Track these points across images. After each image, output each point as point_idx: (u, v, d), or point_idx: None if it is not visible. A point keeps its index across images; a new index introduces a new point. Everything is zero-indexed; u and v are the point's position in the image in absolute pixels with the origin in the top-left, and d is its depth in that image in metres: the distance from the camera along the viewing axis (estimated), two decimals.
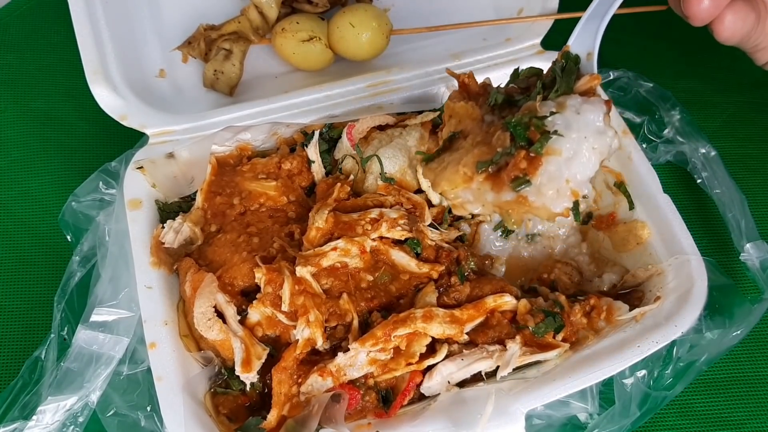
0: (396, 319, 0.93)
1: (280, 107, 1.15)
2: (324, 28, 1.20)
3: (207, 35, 1.22)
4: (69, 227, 1.10)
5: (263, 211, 1.07)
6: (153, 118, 1.12)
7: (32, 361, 1.02)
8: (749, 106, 1.37)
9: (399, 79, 1.18)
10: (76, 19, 1.11)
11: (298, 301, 0.94)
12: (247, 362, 0.92)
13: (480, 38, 1.25)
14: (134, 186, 1.06)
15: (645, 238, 1.04)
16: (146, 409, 0.96)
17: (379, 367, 0.92)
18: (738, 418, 1.07)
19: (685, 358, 0.98)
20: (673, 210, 1.03)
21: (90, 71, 1.10)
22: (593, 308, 0.99)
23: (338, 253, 0.97)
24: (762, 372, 1.10)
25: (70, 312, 1.05)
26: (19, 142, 1.30)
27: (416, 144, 1.10)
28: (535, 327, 0.95)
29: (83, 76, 1.10)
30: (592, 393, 0.97)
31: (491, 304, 0.96)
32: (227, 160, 1.14)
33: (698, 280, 0.97)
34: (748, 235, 1.08)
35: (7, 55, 1.40)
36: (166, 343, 0.94)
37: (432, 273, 1.00)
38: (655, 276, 1.02)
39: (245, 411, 0.95)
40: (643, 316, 0.96)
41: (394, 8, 1.30)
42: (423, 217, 1.05)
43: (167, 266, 1.01)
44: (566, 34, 1.19)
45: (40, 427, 0.95)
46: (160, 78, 1.22)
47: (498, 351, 0.94)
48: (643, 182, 1.07)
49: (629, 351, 0.92)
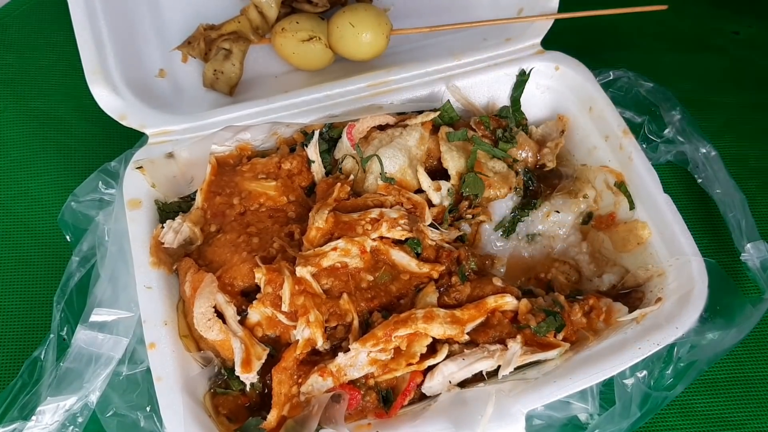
0: (397, 319, 0.93)
1: (280, 107, 1.15)
2: (324, 27, 1.20)
3: (207, 35, 1.22)
4: (68, 227, 1.10)
5: (263, 211, 1.06)
6: (152, 118, 1.12)
7: (31, 362, 1.01)
8: (749, 106, 1.37)
9: (399, 79, 1.18)
10: (75, 19, 1.10)
11: (299, 302, 0.94)
12: (247, 362, 0.92)
13: (480, 38, 1.24)
14: (134, 186, 1.06)
15: (645, 238, 1.04)
16: (146, 410, 0.96)
17: (379, 368, 0.92)
18: (739, 418, 1.07)
19: (685, 358, 0.98)
20: (674, 210, 1.03)
21: (89, 71, 1.10)
22: (592, 309, 0.99)
23: (338, 253, 0.97)
24: (763, 372, 1.10)
25: (70, 312, 1.05)
26: (18, 142, 1.30)
27: (416, 144, 1.10)
28: (537, 326, 0.95)
29: (83, 76, 1.10)
30: (593, 393, 0.97)
31: (492, 304, 0.96)
32: (227, 160, 1.13)
33: (699, 282, 0.97)
34: (748, 235, 1.08)
35: (7, 55, 1.40)
36: (165, 344, 0.94)
37: (432, 273, 1.00)
38: (655, 277, 1.02)
39: (245, 411, 0.95)
40: (644, 317, 0.96)
41: (394, 8, 1.30)
42: (423, 217, 1.04)
43: (167, 266, 1.01)
44: (566, 34, 1.20)
45: (39, 427, 0.95)
46: (159, 78, 1.21)
47: (499, 350, 0.93)
48: (644, 182, 1.07)
49: (629, 352, 0.92)
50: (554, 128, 1.20)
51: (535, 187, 1.15)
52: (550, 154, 1.15)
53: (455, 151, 1.10)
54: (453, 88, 1.18)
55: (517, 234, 1.10)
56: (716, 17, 1.50)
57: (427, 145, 1.11)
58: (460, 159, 1.09)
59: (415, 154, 1.10)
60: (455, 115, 1.17)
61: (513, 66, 1.20)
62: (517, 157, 1.14)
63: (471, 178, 1.07)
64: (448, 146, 1.10)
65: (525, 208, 1.11)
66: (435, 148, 1.11)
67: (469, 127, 1.15)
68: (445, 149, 1.10)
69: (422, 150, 1.11)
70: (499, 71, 1.20)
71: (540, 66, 1.19)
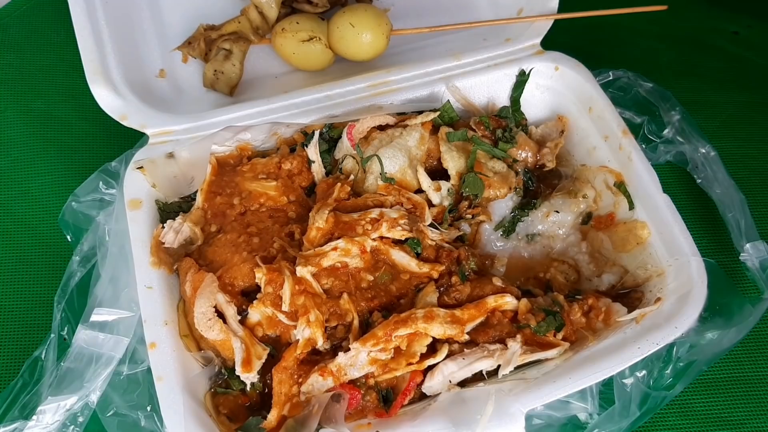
0: (397, 319, 0.93)
1: (280, 107, 1.15)
2: (324, 28, 1.20)
3: (207, 35, 1.22)
4: (69, 227, 1.10)
5: (263, 211, 1.07)
6: (153, 118, 1.12)
7: (32, 361, 1.02)
8: (749, 106, 1.37)
9: (399, 79, 1.18)
10: (76, 20, 1.11)
11: (299, 301, 0.94)
12: (247, 362, 0.92)
13: (480, 38, 1.24)
14: (134, 186, 1.06)
15: (645, 238, 1.04)
16: (146, 409, 0.96)
17: (379, 367, 0.92)
18: (738, 418, 1.07)
19: (685, 357, 0.99)
20: (673, 210, 1.03)
21: (90, 71, 1.10)
22: (591, 308, 0.99)
23: (339, 253, 0.97)
24: (762, 372, 1.10)
25: (70, 312, 1.05)
26: (19, 142, 1.30)
27: (416, 144, 1.10)
28: (537, 326, 0.95)
29: (83, 76, 1.10)
30: (592, 393, 0.97)
31: (492, 304, 0.96)
32: (227, 160, 1.13)
33: (698, 282, 0.97)
34: (747, 236, 1.08)
35: (7, 55, 1.40)
36: (166, 343, 0.94)
37: (432, 273, 1.00)
38: (654, 277, 1.02)
39: (245, 411, 0.95)
40: (643, 317, 0.97)
41: (394, 8, 1.30)
42: (423, 217, 1.05)
43: (167, 266, 1.01)
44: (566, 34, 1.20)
45: (40, 426, 0.95)
46: (160, 78, 1.22)
47: (499, 350, 0.94)
48: (643, 182, 1.07)
49: (629, 351, 0.92)
50: (554, 128, 1.20)
51: (535, 187, 1.15)
52: (549, 154, 1.15)
53: (455, 151, 1.10)
54: (453, 88, 1.18)
55: (516, 234, 1.10)
56: (716, 17, 1.50)
57: (427, 146, 1.11)
58: (460, 159, 1.10)
59: (415, 154, 1.10)
60: (455, 116, 1.17)
61: (513, 66, 1.20)
62: (516, 158, 1.14)
63: (471, 178, 1.08)
64: (448, 146, 1.10)
65: (525, 208, 1.11)
66: (435, 148, 1.12)
67: (469, 127, 1.15)
68: (445, 149, 1.10)
69: (422, 150, 1.11)
70: (499, 71, 1.20)
71: (540, 66, 1.19)
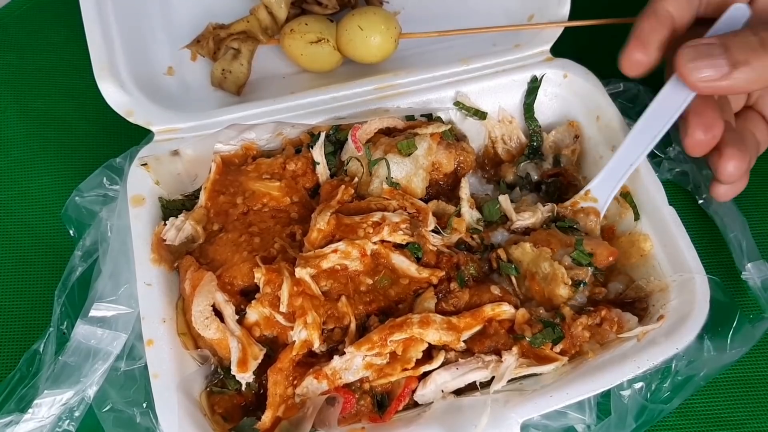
0: (393, 323, 0.92)
1: (287, 108, 1.15)
2: (333, 30, 1.20)
3: (216, 34, 1.22)
4: (72, 222, 1.10)
5: (266, 212, 1.06)
6: (159, 116, 1.12)
7: (31, 354, 1.02)
8: None
9: (407, 83, 1.18)
10: (86, 15, 1.11)
11: (297, 303, 0.93)
12: (243, 362, 0.92)
13: (489, 43, 1.24)
14: (138, 182, 1.06)
15: (648, 250, 1.03)
16: (142, 406, 0.96)
17: (374, 372, 0.92)
18: (738, 419, 1.06)
19: (683, 372, 0.98)
20: (678, 223, 1.02)
21: (98, 67, 1.10)
22: (603, 320, 0.97)
23: (339, 255, 0.97)
24: (762, 373, 1.09)
25: (71, 306, 1.05)
26: (19, 141, 1.29)
27: (424, 153, 1.09)
28: (532, 338, 0.94)
29: (83, 76, 1.10)
30: (590, 404, 0.96)
31: (489, 313, 0.96)
32: (232, 159, 1.13)
33: (701, 300, 0.96)
34: (749, 255, 1.08)
35: (7, 55, 1.39)
36: (163, 341, 0.94)
37: (432, 278, 0.99)
38: (657, 291, 1.01)
39: (240, 411, 0.95)
40: (645, 336, 0.95)
41: (403, 11, 1.30)
42: (426, 222, 1.04)
43: (168, 263, 1.01)
44: (576, 42, 1.18)
45: (35, 420, 0.95)
46: (168, 75, 1.22)
47: (494, 362, 0.93)
48: (649, 194, 1.06)
49: (627, 367, 0.91)
50: (566, 134, 1.19)
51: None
52: (568, 161, 1.15)
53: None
54: (461, 94, 1.18)
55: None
56: None
57: (434, 157, 1.11)
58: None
59: (422, 163, 1.09)
60: (460, 133, 1.19)
61: (521, 72, 1.19)
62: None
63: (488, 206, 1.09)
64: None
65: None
66: (441, 160, 1.11)
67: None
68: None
69: (429, 161, 1.10)
70: (507, 77, 1.19)
71: (548, 73, 1.18)
